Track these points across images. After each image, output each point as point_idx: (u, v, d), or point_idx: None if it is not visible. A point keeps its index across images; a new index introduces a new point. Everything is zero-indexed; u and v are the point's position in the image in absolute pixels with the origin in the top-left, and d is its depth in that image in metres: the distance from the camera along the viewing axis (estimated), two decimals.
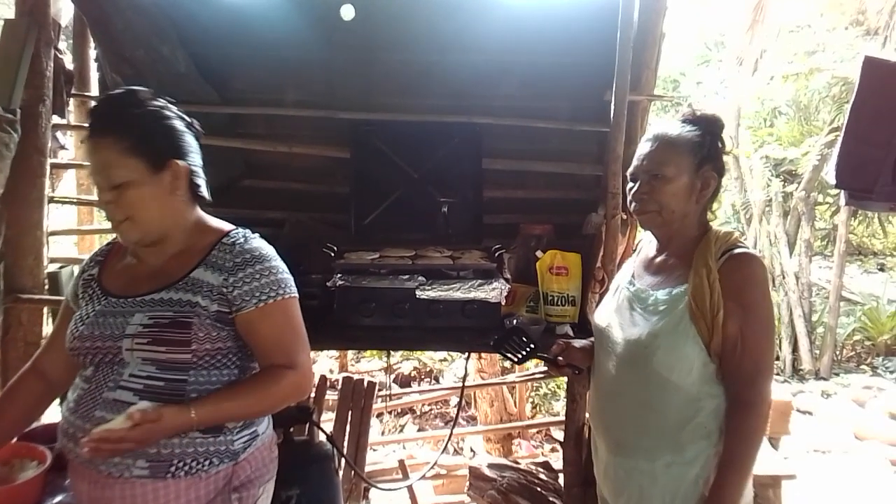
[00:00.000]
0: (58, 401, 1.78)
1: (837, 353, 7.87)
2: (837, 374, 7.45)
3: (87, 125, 1.54)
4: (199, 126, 1.65)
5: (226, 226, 1.66)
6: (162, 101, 1.58)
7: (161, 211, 1.53)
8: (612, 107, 2.61)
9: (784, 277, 7.98)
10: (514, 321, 2.57)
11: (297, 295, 1.62)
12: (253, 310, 1.52)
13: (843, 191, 3.10)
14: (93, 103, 1.62)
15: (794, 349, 7.77)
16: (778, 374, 7.36)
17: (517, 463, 3.49)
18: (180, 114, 1.61)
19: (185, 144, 1.58)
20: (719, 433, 1.62)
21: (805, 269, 7.96)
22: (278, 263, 1.61)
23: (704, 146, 1.70)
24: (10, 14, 2.94)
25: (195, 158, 1.61)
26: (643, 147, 1.76)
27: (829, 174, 3.08)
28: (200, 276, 1.53)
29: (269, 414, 1.64)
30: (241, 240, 1.59)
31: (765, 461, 2.26)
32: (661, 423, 1.67)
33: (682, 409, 1.64)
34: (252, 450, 1.58)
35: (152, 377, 1.46)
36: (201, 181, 1.62)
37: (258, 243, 1.61)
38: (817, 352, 7.69)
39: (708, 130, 1.72)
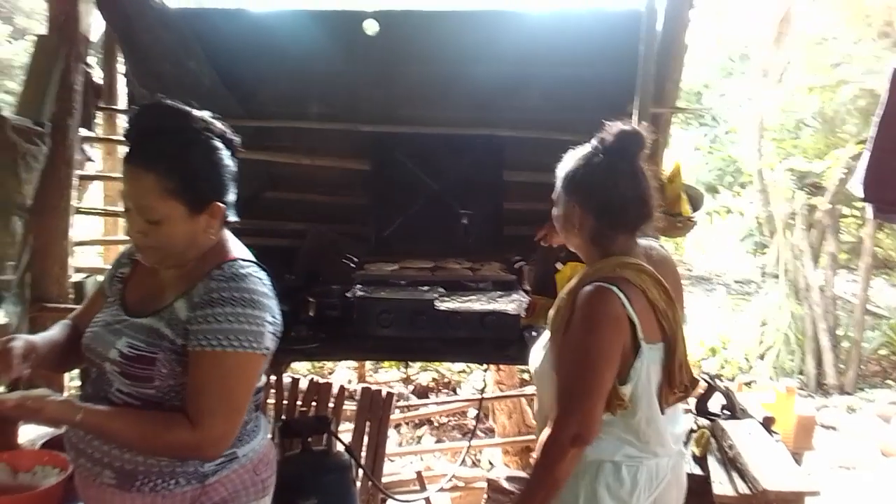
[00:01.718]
0: None
1: (863, 367, 7.73)
2: (862, 389, 7.31)
3: (128, 141, 1.45)
4: (237, 141, 1.56)
5: (232, 253, 1.55)
6: (205, 121, 1.49)
7: (190, 244, 1.49)
8: (635, 119, 2.61)
9: (808, 290, 7.87)
10: (534, 333, 2.57)
11: (256, 352, 1.44)
12: (191, 350, 1.42)
13: (869, 204, 3.05)
14: (132, 114, 1.49)
15: (819, 363, 7.64)
16: (801, 389, 7.24)
17: None
18: (221, 132, 1.52)
19: (226, 181, 1.51)
20: None
21: (830, 282, 7.84)
22: (252, 311, 1.44)
23: (574, 177, 1.69)
24: (43, 30, 3.01)
25: (233, 189, 1.53)
26: None
27: (856, 187, 3.03)
28: (178, 306, 1.47)
29: (154, 455, 1.45)
30: (224, 275, 1.46)
31: (788, 477, 2.23)
32: (540, 430, 1.72)
33: (541, 419, 1.73)
34: (227, 472, 1.52)
35: (132, 396, 1.47)
36: (232, 208, 1.55)
37: (242, 283, 1.46)
38: (842, 366, 7.56)
39: (587, 156, 1.70)
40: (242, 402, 1.47)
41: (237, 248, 1.58)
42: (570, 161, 1.74)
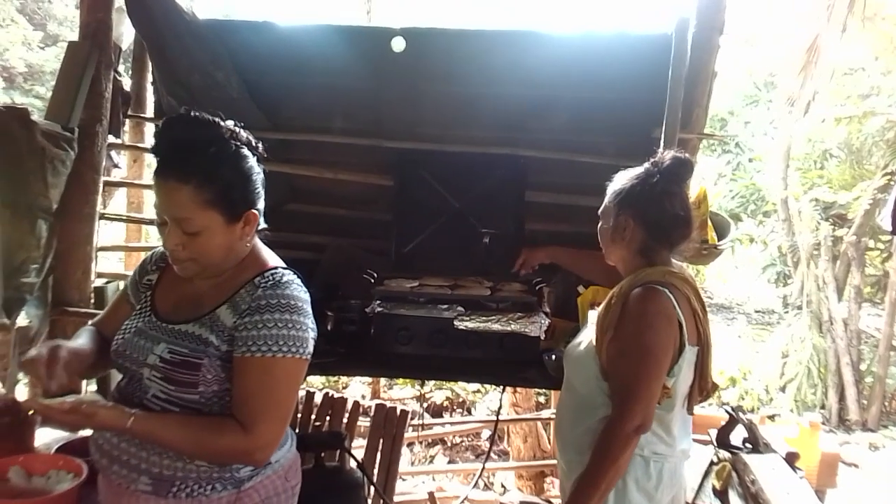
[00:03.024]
0: None
1: (886, 404, 7.58)
2: (886, 427, 7.16)
3: (157, 155, 1.46)
4: (262, 149, 1.58)
5: (269, 262, 1.59)
6: (232, 130, 1.51)
7: (227, 253, 1.52)
8: (662, 144, 2.58)
9: (832, 323, 7.75)
10: (553, 356, 2.53)
11: (302, 357, 1.47)
12: (239, 356, 1.44)
13: None
14: (160, 127, 1.51)
15: (841, 398, 7.50)
16: (823, 424, 7.09)
17: (549, 502, 3.42)
18: (248, 140, 1.54)
19: (258, 189, 1.54)
20: None
21: (854, 315, 7.72)
22: (297, 318, 1.47)
23: (631, 193, 1.84)
24: (74, 37, 3.05)
25: (263, 196, 1.56)
26: None
27: (885, 220, 2.99)
28: (221, 313, 1.49)
29: (205, 461, 1.46)
30: (269, 283, 1.50)
31: None
32: (567, 424, 1.89)
33: (578, 413, 1.84)
34: (261, 478, 1.54)
35: (169, 402, 1.47)
36: (262, 215, 1.58)
37: (287, 290, 1.50)
38: (865, 402, 7.42)
39: (644, 177, 1.85)
40: (289, 407, 1.52)
41: (272, 257, 1.63)
42: (624, 179, 1.89)
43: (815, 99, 8.55)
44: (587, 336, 1.88)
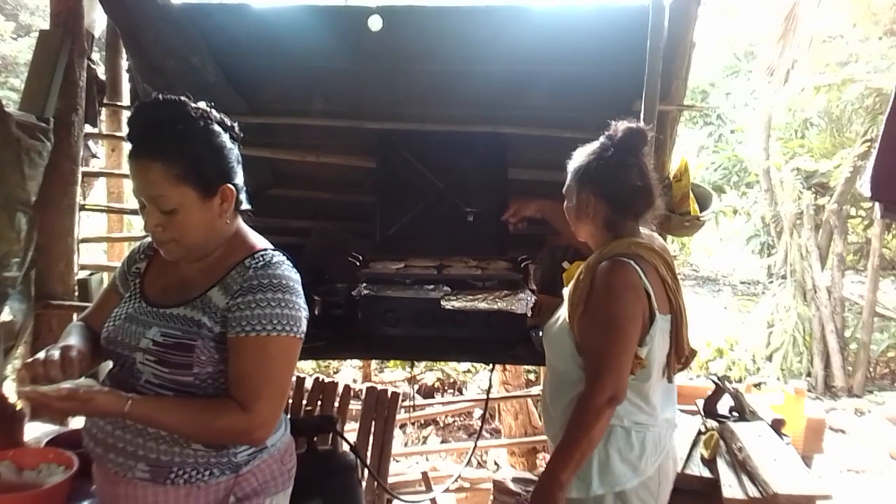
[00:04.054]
0: None
1: (871, 370, 7.69)
2: (871, 392, 7.26)
3: (130, 140, 1.48)
4: (237, 129, 1.59)
5: (258, 244, 1.60)
6: (202, 109, 1.52)
7: (208, 232, 1.52)
8: (642, 117, 2.58)
9: (816, 292, 7.83)
10: (540, 333, 2.54)
11: (296, 335, 1.50)
12: (234, 337, 1.45)
13: (877, 203, 3.02)
14: (130, 113, 1.53)
15: (827, 365, 7.60)
16: (809, 391, 7.20)
17: None
18: (220, 119, 1.55)
19: (232, 164, 1.54)
20: None
21: (837, 283, 7.80)
22: (290, 297, 1.50)
23: (588, 169, 1.87)
24: (46, 25, 3.00)
25: (240, 172, 1.57)
26: None
27: (864, 186, 3.00)
28: (213, 295, 1.50)
29: (204, 442, 1.48)
30: (259, 263, 1.52)
31: (799, 480, 2.19)
32: (550, 400, 1.92)
33: (558, 389, 1.86)
34: (257, 462, 1.55)
35: (163, 386, 1.47)
36: (243, 194, 1.59)
37: (278, 270, 1.52)
38: (850, 368, 7.52)
39: (599, 151, 1.87)
40: (286, 385, 1.54)
41: (261, 240, 1.64)
42: (581, 156, 1.91)
43: (794, 67, 8.58)
44: (562, 312, 1.90)
